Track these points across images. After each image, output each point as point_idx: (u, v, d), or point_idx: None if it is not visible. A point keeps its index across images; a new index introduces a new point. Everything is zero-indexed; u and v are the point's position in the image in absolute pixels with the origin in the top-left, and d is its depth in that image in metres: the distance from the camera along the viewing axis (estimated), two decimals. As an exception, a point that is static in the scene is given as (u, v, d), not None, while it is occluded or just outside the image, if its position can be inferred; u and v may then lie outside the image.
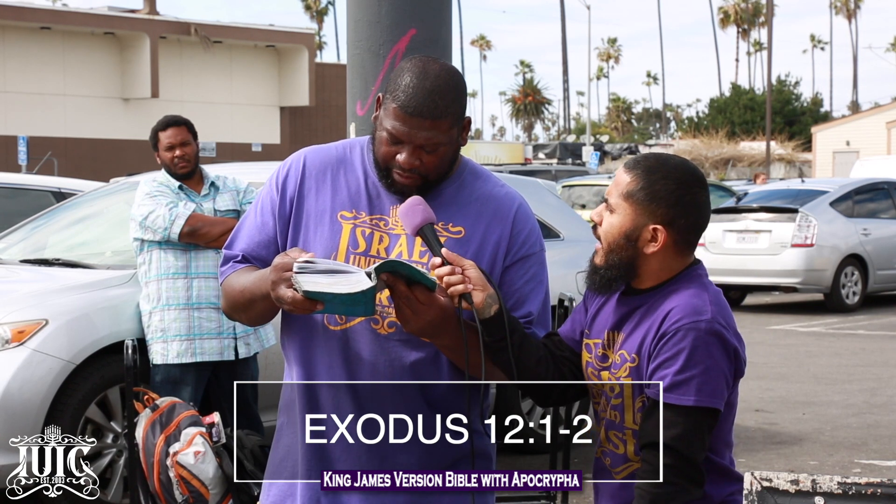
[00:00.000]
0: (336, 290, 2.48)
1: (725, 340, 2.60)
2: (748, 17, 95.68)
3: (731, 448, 2.74)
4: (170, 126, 5.98)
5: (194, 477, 5.14)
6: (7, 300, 5.97)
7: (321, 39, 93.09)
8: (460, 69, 24.73)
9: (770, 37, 41.71)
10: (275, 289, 2.55)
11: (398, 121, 2.61)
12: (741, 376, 2.67)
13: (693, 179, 2.68)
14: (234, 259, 2.77)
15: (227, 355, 5.82)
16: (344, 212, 2.71)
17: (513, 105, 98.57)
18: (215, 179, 6.01)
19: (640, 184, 2.64)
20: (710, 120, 64.79)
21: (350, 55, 5.38)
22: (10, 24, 37.28)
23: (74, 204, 7.49)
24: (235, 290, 2.73)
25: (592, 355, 2.73)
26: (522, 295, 2.70)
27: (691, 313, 2.59)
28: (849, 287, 15.90)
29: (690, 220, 2.66)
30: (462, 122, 2.68)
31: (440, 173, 2.68)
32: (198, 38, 40.24)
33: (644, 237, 2.64)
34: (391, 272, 2.51)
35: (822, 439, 7.99)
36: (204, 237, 5.76)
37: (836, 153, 46.08)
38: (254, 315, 2.74)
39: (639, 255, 2.66)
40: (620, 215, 2.65)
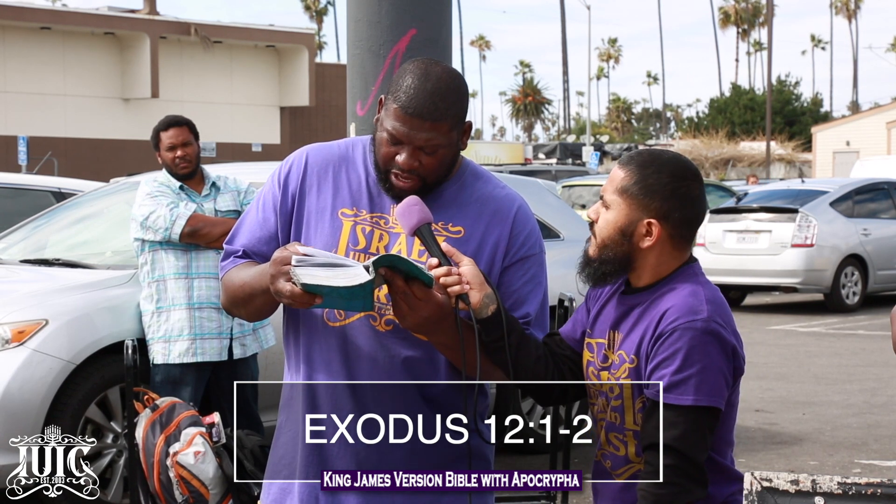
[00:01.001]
0: (334, 283, 2.49)
1: (723, 339, 2.60)
2: (748, 17, 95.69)
3: (732, 447, 2.74)
4: (171, 126, 5.96)
5: (194, 477, 5.14)
6: (7, 300, 5.97)
7: (321, 39, 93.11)
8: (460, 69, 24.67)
9: (770, 37, 41.72)
10: (274, 282, 2.55)
11: (398, 121, 2.62)
12: (741, 374, 2.67)
13: (687, 172, 2.68)
14: (234, 254, 2.78)
15: (225, 355, 5.82)
16: (345, 209, 2.72)
17: (513, 105, 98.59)
18: (216, 180, 6.01)
19: (634, 178, 2.65)
20: (711, 120, 64.79)
21: (350, 55, 5.38)
22: (10, 24, 37.28)
23: (74, 204, 7.49)
24: (235, 285, 2.73)
25: (594, 355, 2.73)
26: (521, 296, 2.70)
27: (687, 313, 2.59)
28: (849, 287, 15.90)
29: (685, 213, 2.65)
30: (462, 125, 2.69)
31: (439, 176, 2.68)
32: (198, 38, 40.24)
33: (639, 232, 2.64)
34: (390, 267, 2.51)
35: (822, 439, 7.99)
36: (205, 237, 5.76)
37: (836, 153, 46.08)
38: (253, 309, 2.74)
39: (634, 250, 2.66)
40: (615, 211, 2.66)
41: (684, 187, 2.66)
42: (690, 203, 2.66)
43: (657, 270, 2.67)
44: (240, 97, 42.26)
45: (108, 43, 39.64)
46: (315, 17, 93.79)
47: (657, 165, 2.66)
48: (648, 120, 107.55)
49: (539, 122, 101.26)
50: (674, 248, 2.67)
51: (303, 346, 2.72)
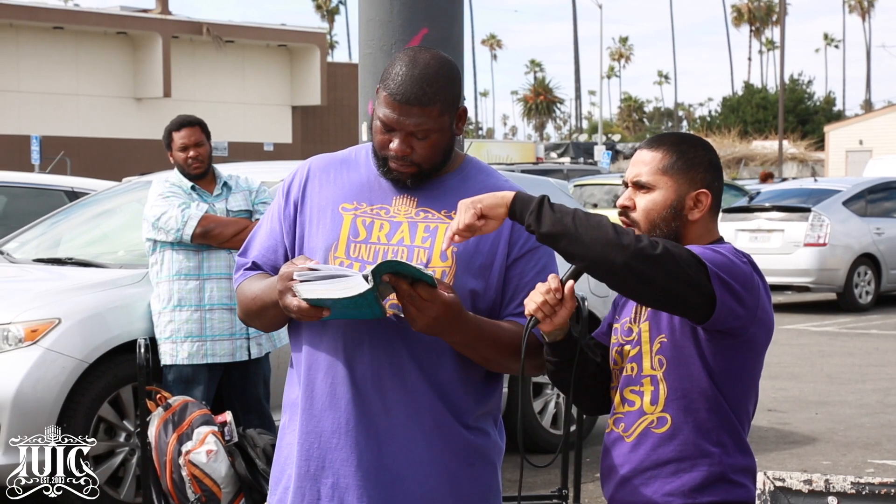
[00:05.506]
0: (334, 295, 2.53)
1: (743, 255, 2.64)
2: (761, 15, 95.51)
3: (749, 423, 2.73)
4: (183, 126, 5.95)
5: (206, 476, 5.15)
6: (20, 299, 5.99)
7: (333, 39, 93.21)
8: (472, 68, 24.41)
9: (783, 35, 41.59)
10: (281, 298, 2.61)
11: (388, 108, 2.66)
12: (764, 312, 2.62)
13: (709, 145, 2.79)
14: (244, 267, 2.83)
15: (240, 356, 5.81)
16: (345, 204, 2.75)
17: (524, 104, 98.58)
18: (228, 179, 6.00)
19: (675, 156, 2.71)
20: (723, 119, 64.68)
21: (362, 54, 5.38)
22: (23, 23, 37.39)
23: (87, 203, 7.51)
24: (248, 298, 2.79)
25: (619, 335, 2.74)
26: (534, 287, 2.70)
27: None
28: (862, 286, 15.85)
29: (721, 182, 2.75)
30: (455, 110, 2.71)
31: (434, 162, 2.70)
32: (210, 37, 40.30)
33: (688, 205, 2.69)
34: (393, 273, 2.53)
35: (835, 439, 7.97)
36: (217, 238, 5.75)
37: (849, 152, 45.94)
38: (268, 322, 2.79)
39: (685, 224, 2.70)
40: (663, 189, 2.69)
41: (715, 158, 2.76)
42: (721, 173, 2.77)
43: (701, 240, 2.70)
44: (252, 97, 42.31)
45: (120, 42, 39.73)
46: (326, 16, 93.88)
47: (688, 141, 2.75)
48: (660, 119, 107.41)
49: (551, 122, 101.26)
50: (711, 218, 2.74)
51: (307, 336, 2.74)
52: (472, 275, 2.69)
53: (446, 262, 2.67)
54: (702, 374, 2.61)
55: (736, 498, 2.62)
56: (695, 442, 2.61)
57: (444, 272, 2.67)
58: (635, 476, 2.64)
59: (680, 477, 2.61)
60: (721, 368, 2.61)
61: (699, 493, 2.60)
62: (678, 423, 2.61)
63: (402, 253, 2.68)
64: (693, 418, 2.61)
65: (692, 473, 2.60)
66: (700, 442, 2.61)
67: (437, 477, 2.67)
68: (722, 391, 2.62)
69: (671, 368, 2.62)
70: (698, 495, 2.60)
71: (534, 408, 7.24)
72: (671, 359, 2.62)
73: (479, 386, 2.73)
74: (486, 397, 2.75)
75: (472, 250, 2.69)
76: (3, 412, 5.56)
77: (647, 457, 2.63)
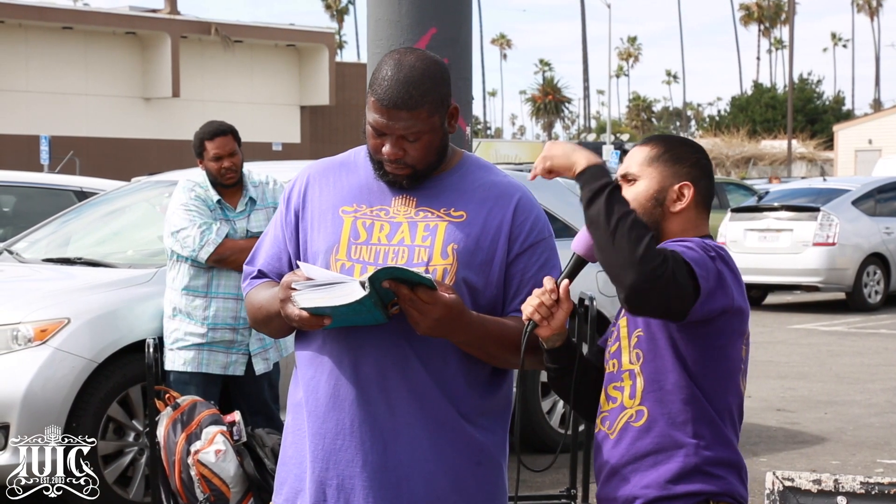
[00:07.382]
0: (331, 303, 2.54)
1: (713, 249, 2.62)
2: (770, 14, 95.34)
3: (734, 420, 2.67)
4: (217, 135, 5.74)
5: (215, 475, 5.15)
6: (29, 299, 6.00)
7: (341, 39, 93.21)
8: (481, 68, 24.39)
9: (791, 35, 41.53)
10: (283, 308, 2.63)
11: (377, 113, 2.67)
12: (737, 300, 2.62)
13: (701, 148, 2.82)
14: (251, 275, 2.85)
15: (233, 370, 5.71)
16: (345, 206, 2.76)
17: (533, 104, 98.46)
18: (254, 193, 5.82)
19: (663, 149, 2.75)
20: (732, 118, 64.61)
21: (370, 54, 5.38)
22: (32, 23, 37.45)
23: (96, 203, 7.52)
24: (255, 307, 2.81)
25: (612, 337, 2.75)
26: (538, 282, 2.70)
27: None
28: (871, 286, 15.82)
29: (708, 183, 2.76)
30: (445, 109, 2.71)
31: (428, 162, 2.71)
32: (218, 37, 40.32)
33: (671, 196, 2.71)
34: (393, 279, 2.53)
35: (844, 439, 7.95)
36: (231, 265, 5.63)
37: (858, 151, 45.84)
38: (275, 330, 2.81)
39: (665, 215, 2.71)
40: (647, 179, 2.72)
41: (705, 160, 2.78)
42: (710, 176, 2.78)
43: (682, 237, 2.70)
44: (260, 96, 42.33)
45: (129, 42, 39.78)
46: (335, 16, 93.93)
47: (679, 140, 2.80)
48: (669, 118, 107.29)
49: (559, 121, 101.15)
50: (697, 216, 2.73)
51: (309, 338, 2.74)
52: (473, 271, 2.69)
53: (447, 260, 2.68)
54: (675, 365, 2.61)
55: (714, 489, 2.60)
56: (669, 433, 2.61)
57: (445, 269, 2.67)
58: (619, 471, 2.65)
59: (657, 469, 2.61)
60: (694, 358, 2.61)
61: (674, 483, 2.60)
62: (654, 416, 2.62)
63: (403, 253, 2.68)
64: (667, 410, 2.61)
65: (668, 465, 2.61)
66: (674, 433, 2.61)
67: (443, 476, 2.67)
68: (697, 382, 2.61)
69: (647, 361, 2.63)
70: (672, 486, 2.59)
71: (542, 407, 7.23)
72: (647, 352, 2.64)
73: (484, 384, 2.73)
74: (491, 395, 2.75)
75: (473, 247, 2.69)
76: (13, 412, 5.57)
77: (628, 451, 2.64)
